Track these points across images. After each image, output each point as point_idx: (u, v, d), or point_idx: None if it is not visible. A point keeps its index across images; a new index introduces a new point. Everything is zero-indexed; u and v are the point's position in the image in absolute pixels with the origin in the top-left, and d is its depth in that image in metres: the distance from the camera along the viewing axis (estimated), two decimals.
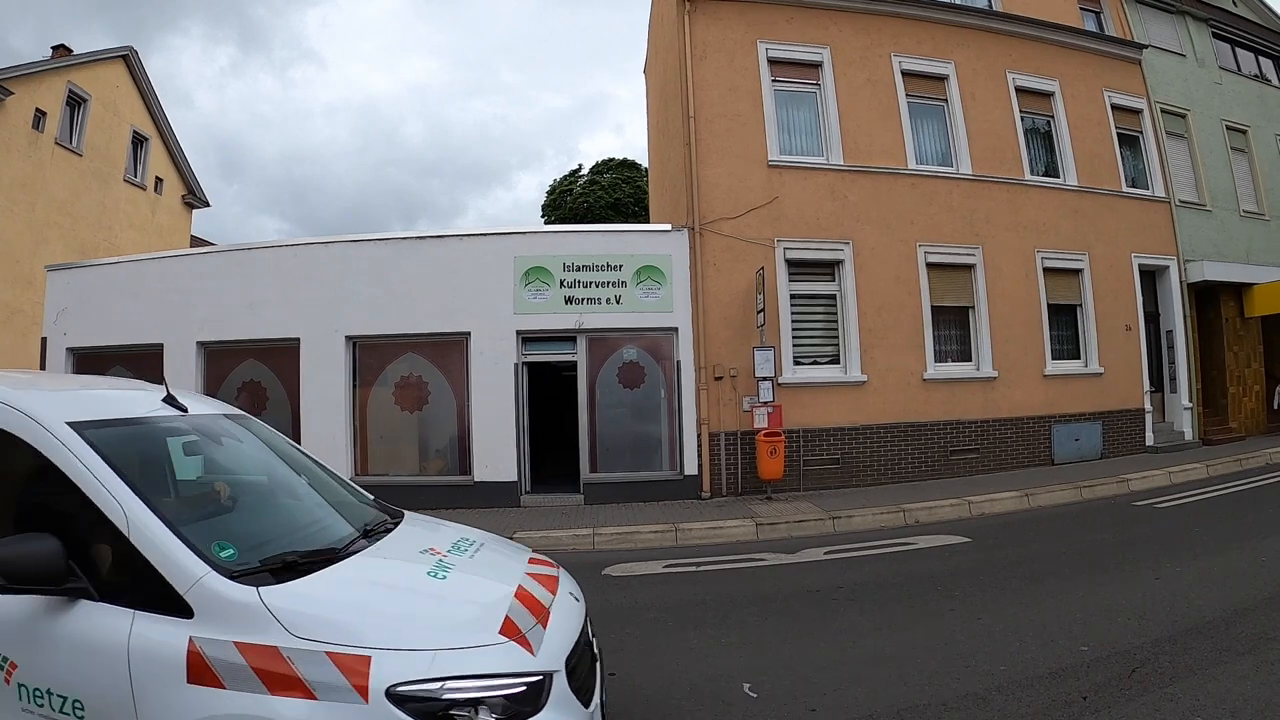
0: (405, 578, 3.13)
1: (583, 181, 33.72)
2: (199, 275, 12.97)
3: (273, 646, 2.41)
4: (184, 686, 2.39)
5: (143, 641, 2.45)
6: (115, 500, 2.63)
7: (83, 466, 2.68)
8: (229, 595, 2.52)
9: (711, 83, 12.78)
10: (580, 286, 12.00)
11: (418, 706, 2.37)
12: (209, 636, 2.43)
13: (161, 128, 23.49)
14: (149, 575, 2.54)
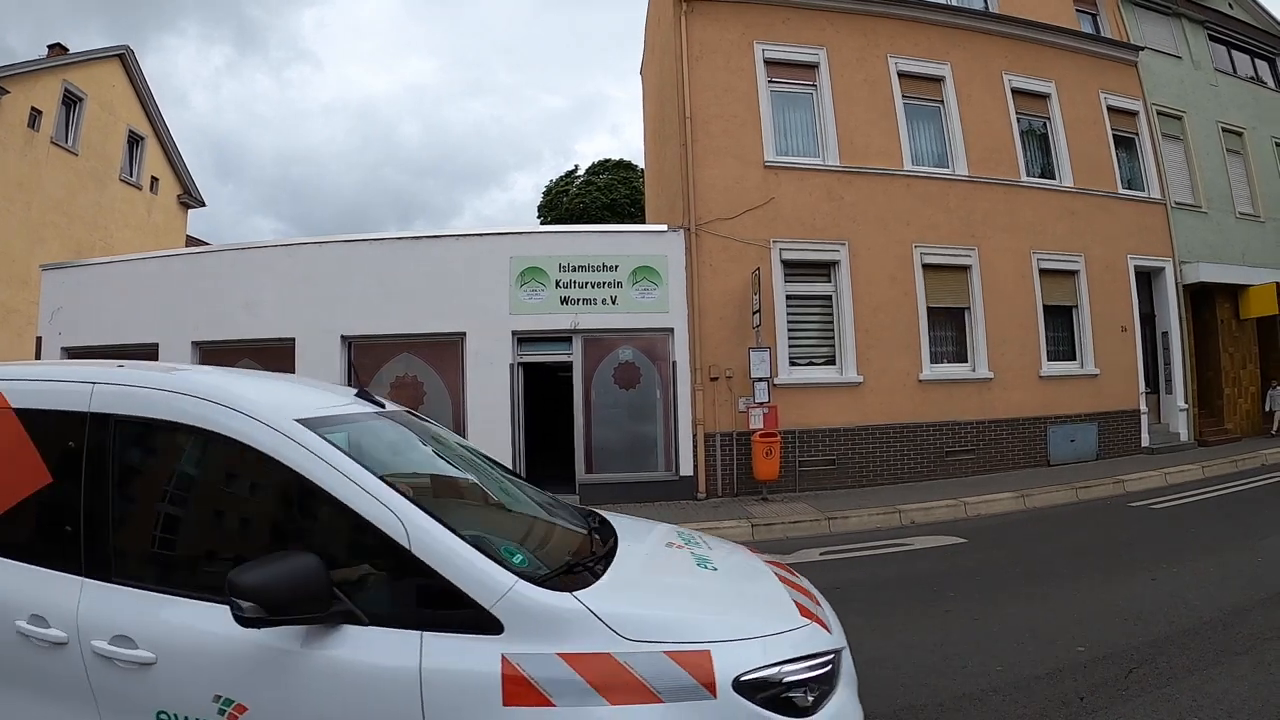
0: (685, 573, 3.06)
1: (579, 182, 33.73)
2: (194, 275, 12.93)
3: (605, 653, 2.27)
4: (499, 711, 2.19)
5: (440, 666, 2.23)
6: (388, 509, 2.39)
7: (338, 473, 2.45)
8: (546, 604, 2.34)
9: (708, 83, 12.77)
10: (576, 287, 11.98)
11: (763, 695, 2.32)
12: (526, 652, 2.24)
13: (157, 127, 23.44)
14: (440, 591, 2.32)
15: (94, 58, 21.23)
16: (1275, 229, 18.32)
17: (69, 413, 2.70)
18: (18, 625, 2.49)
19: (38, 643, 2.47)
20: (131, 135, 22.37)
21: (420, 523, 2.37)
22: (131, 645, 2.38)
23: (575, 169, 35.45)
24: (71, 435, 2.67)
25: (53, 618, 2.47)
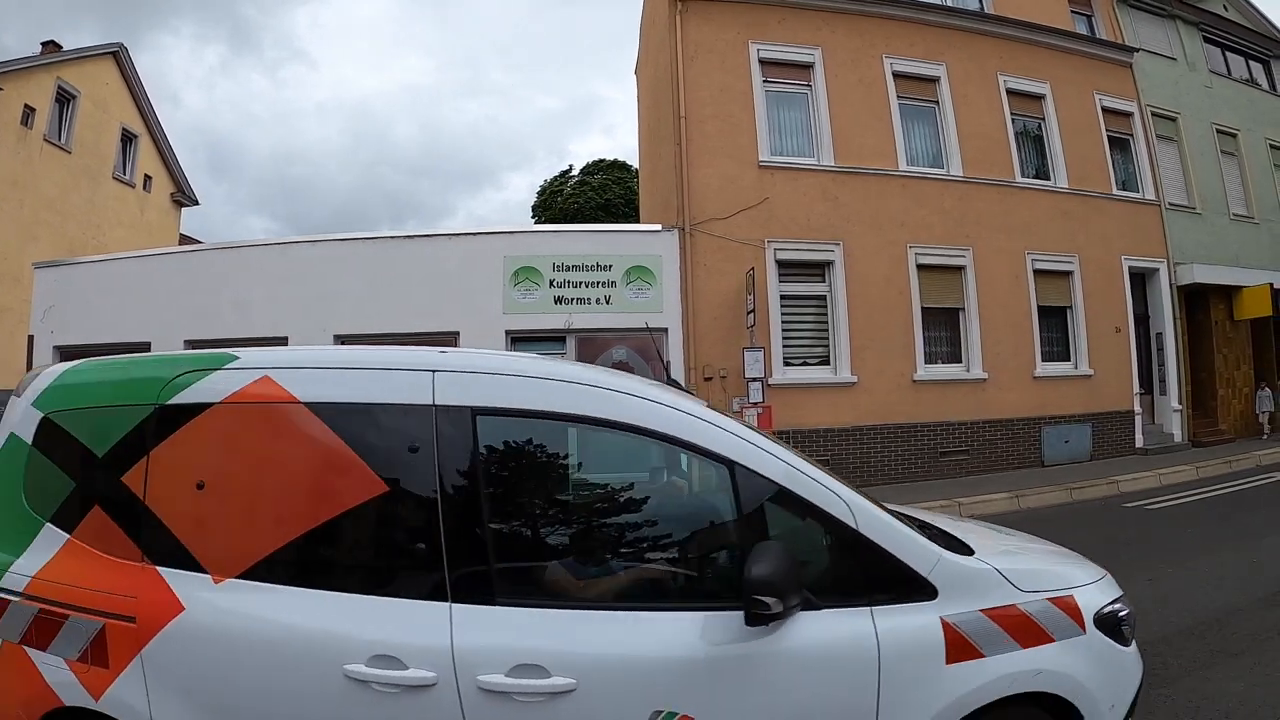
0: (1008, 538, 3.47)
1: (573, 182, 33.73)
2: (186, 273, 12.89)
3: (1011, 605, 2.54)
4: (944, 669, 2.38)
5: (893, 636, 2.35)
6: (833, 493, 2.48)
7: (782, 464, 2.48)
8: (968, 567, 2.59)
9: (702, 83, 12.74)
10: (570, 286, 11.95)
11: (1109, 626, 2.72)
12: (958, 612, 2.46)
13: (151, 125, 23.32)
14: (882, 565, 2.45)
15: (87, 55, 21.11)
16: (1269, 230, 18.35)
17: (409, 405, 2.44)
18: (348, 671, 2.21)
19: (383, 689, 2.21)
20: (125, 133, 22.25)
21: (860, 503, 2.51)
22: (543, 674, 2.19)
23: (570, 169, 35.46)
24: (412, 432, 2.42)
25: (410, 656, 2.21)
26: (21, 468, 2.60)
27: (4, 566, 2.51)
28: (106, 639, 2.37)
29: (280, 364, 2.57)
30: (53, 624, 2.42)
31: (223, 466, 2.49)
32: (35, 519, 2.54)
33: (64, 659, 2.40)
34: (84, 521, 2.52)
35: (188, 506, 2.46)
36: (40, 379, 2.73)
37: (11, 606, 2.47)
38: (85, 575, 2.45)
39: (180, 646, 2.34)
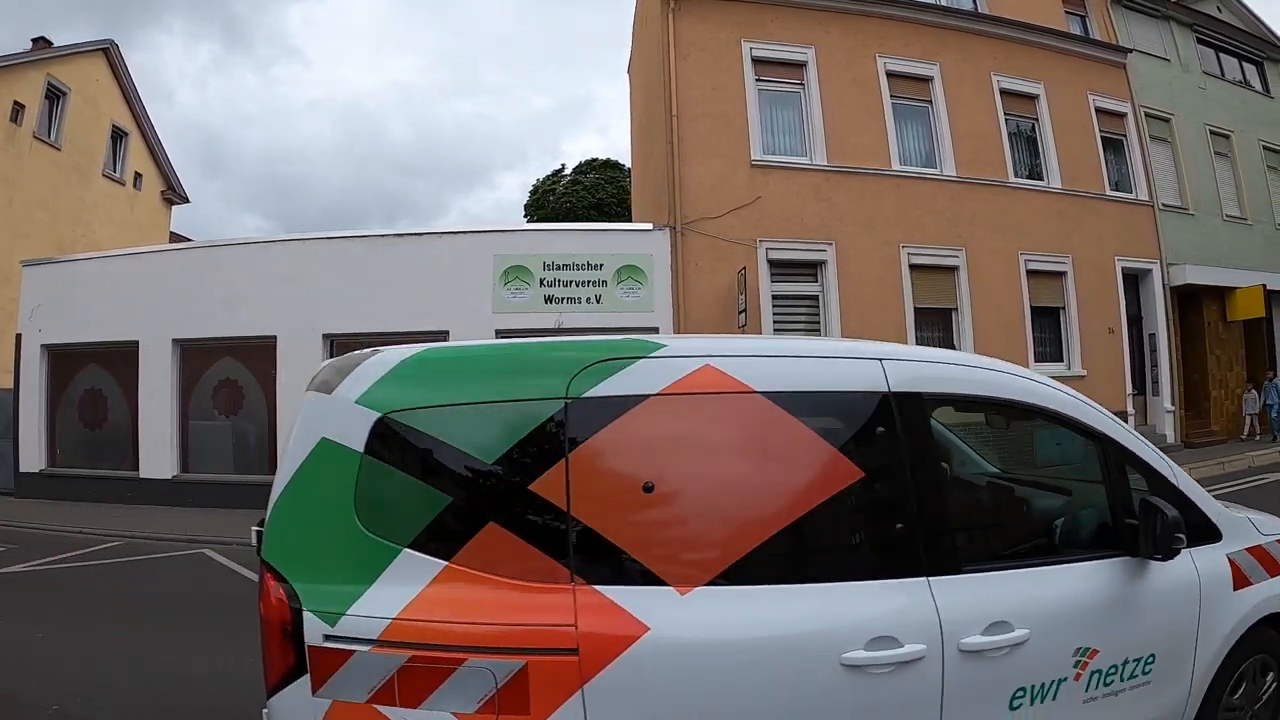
0: None
1: (565, 181, 33.71)
2: (175, 272, 12.82)
3: (1260, 545, 3.06)
4: (1231, 594, 2.85)
5: (1207, 571, 2.80)
6: (1159, 455, 2.94)
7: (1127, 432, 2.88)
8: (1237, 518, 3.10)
9: (695, 81, 12.69)
10: (560, 286, 11.90)
11: None
12: (1234, 550, 2.95)
13: (141, 122, 23.18)
14: (1194, 514, 2.84)
15: (78, 52, 20.97)
16: (1262, 231, 18.37)
17: (865, 392, 2.40)
18: (846, 659, 2.14)
19: (879, 670, 2.17)
20: (115, 130, 22.10)
21: (1173, 464, 2.94)
22: (1008, 629, 2.31)
23: (562, 168, 35.41)
24: (875, 418, 2.40)
25: (904, 633, 2.20)
26: (350, 482, 2.14)
27: (337, 609, 2.07)
28: (528, 680, 2.02)
29: (719, 352, 2.36)
30: (435, 672, 2.02)
31: (672, 464, 2.25)
32: (383, 545, 2.12)
33: (453, 713, 2.02)
34: (471, 543, 2.12)
35: (632, 513, 2.19)
36: (362, 370, 2.25)
37: (356, 658, 2.03)
38: (483, 608, 2.07)
39: (642, 672, 2.05)
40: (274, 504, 2.21)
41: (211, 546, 9.36)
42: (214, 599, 7.11)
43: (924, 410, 2.48)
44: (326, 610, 2.05)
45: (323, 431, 2.18)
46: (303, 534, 2.18)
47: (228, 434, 12.75)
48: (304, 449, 2.19)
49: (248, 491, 11.93)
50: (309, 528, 2.18)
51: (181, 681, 4.86)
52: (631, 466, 2.21)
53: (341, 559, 2.12)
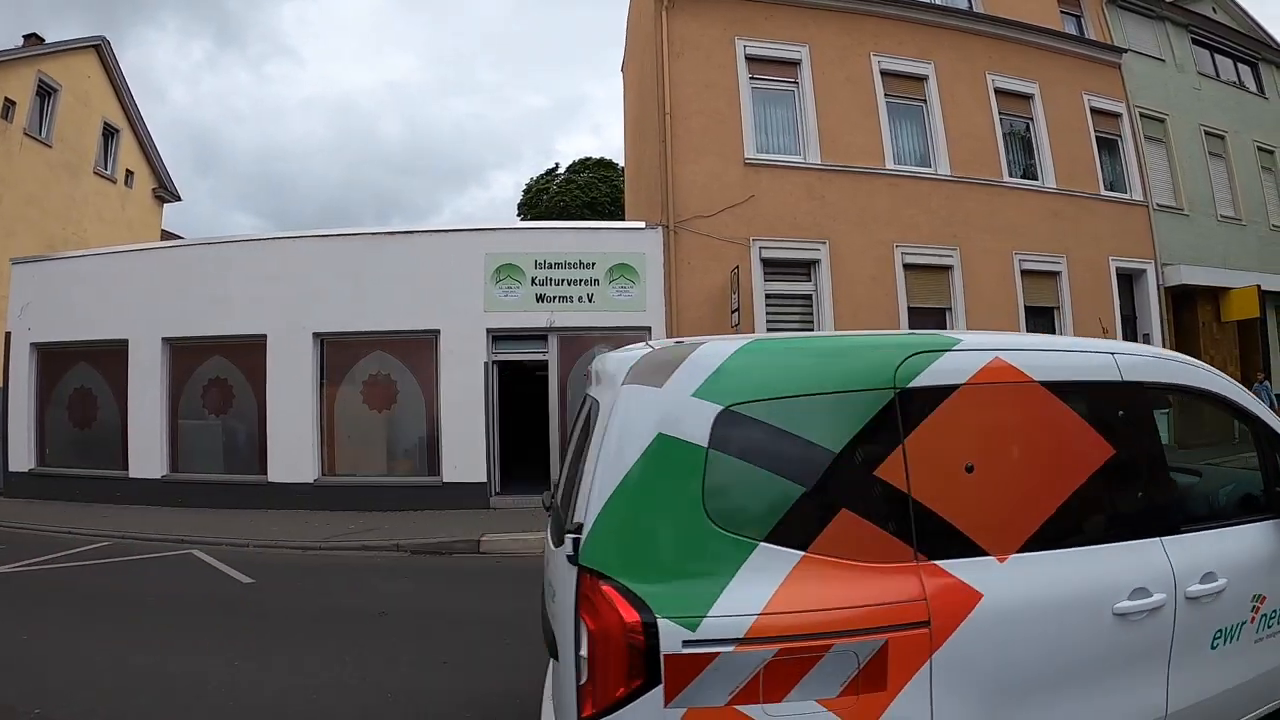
0: None
1: (559, 180, 33.78)
2: (165, 270, 12.73)
3: None
4: None
5: None
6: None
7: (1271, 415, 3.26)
8: None
9: (688, 79, 12.62)
10: (552, 284, 11.81)
11: None
12: None
13: (133, 120, 23.06)
14: None
15: (69, 48, 20.85)
16: (1256, 232, 18.38)
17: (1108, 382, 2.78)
18: (1117, 609, 2.49)
19: (1136, 617, 2.53)
20: (106, 127, 21.99)
21: None
22: (1214, 579, 2.69)
23: (556, 167, 35.56)
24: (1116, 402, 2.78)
25: (1152, 584, 2.57)
26: (696, 478, 2.15)
27: (697, 612, 2.05)
28: (888, 656, 2.12)
29: (1003, 346, 2.63)
30: (802, 662, 2.07)
31: (983, 446, 2.47)
32: (737, 540, 2.14)
33: (816, 700, 2.07)
34: (826, 531, 2.20)
35: (958, 492, 2.37)
36: (693, 363, 2.28)
37: (720, 660, 2.03)
38: (844, 592, 2.14)
39: (978, 635, 2.24)
40: (604, 506, 2.15)
41: (200, 547, 9.30)
42: (202, 601, 7.06)
43: (1146, 396, 2.86)
44: (684, 615, 2.04)
45: (658, 427, 2.18)
46: (644, 536, 2.16)
47: (217, 433, 12.67)
48: (637, 445, 2.17)
49: (237, 491, 11.91)
50: (651, 529, 2.16)
51: (167, 684, 4.82)
52: (954, 449, 2.41)
53: (692, 558, 2.12)
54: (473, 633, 5.95)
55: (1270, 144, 19.44)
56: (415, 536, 9.56)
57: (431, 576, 8.14)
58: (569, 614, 2.18)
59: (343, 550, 9.32)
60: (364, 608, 6.71)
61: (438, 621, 6.27)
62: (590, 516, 2.15)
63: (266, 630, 6.08)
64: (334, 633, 5.98)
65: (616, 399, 2.26)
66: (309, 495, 11.65)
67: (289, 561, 8.83)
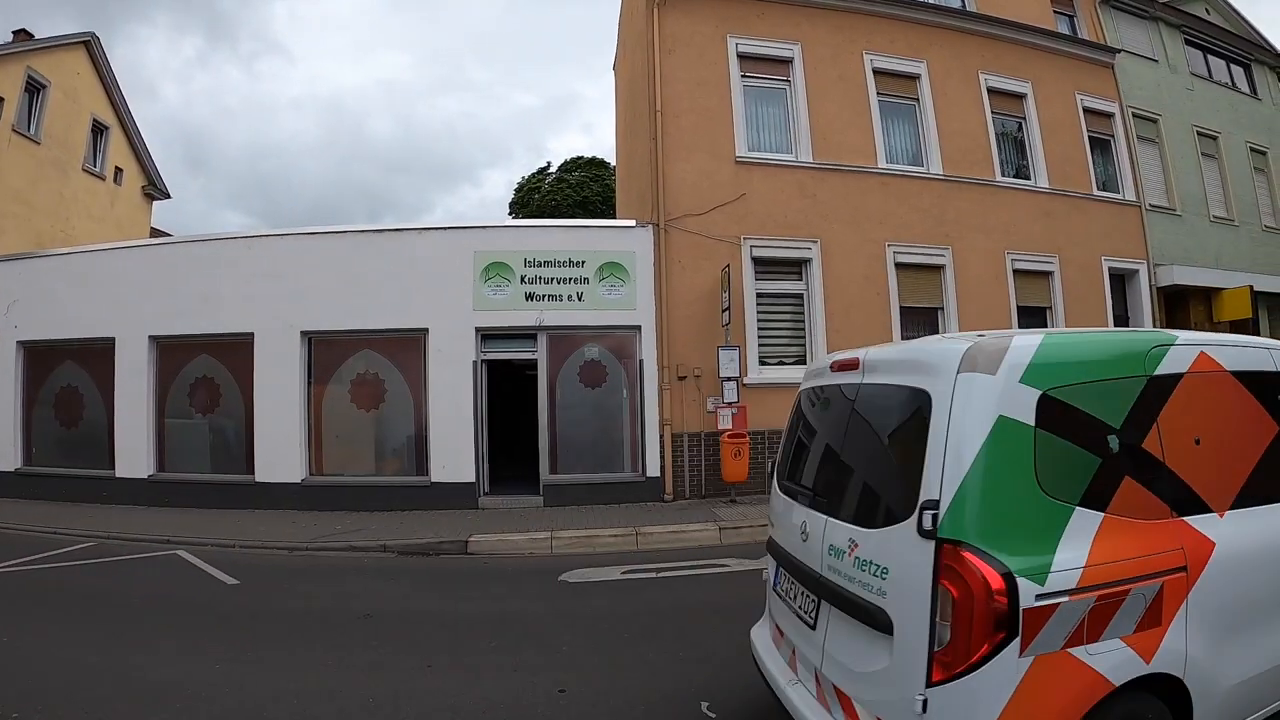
0: None
1: (551, 179, 33.72)
2: (152, 267, 12.61)
3: None
4: None
5: None
6: None
7: None
8: None
9: (679, 77, 12.55)
10: (541, 283, 11.72)
11: None
12: None
13: (122, 117, 22.84)
14: None
15: (59, 44, 20.64)
16: (1248, 233, 18.39)
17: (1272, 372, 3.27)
18: None
19: None
20: (96, 124, 21.77)
21: None
22: None
23: (548, 166, 35.47)
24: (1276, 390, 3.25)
25: None
26: (1028, 453, 2.53)
27: (1042, 569, 2.43)
28: (1163, 597, 2.61)
29: (1204, 342, 3.16)
30: (1111, 606, 2.50)
31: (1203, 423, 2.97)
32: (1060, 506, 2.55)
33: (1119, 637, 2.52)
34: (1116, 495, 2.66)
35: (1192, 460, 2.88)
36: (1014, 353, 2.63)
37: (1060, 610, 2.43)
38: (1132, 545, 2.62)
39: (1213, 578, 2.75)
40: (961, 482, 2.46)
41: (186, 547, 9.22)
42: (185, 602, 6.99)
43: None
44: (1034, 572, 2.41)
45: (998, 410, 2.53)
46: (994, 507, 2.48)
47: (204, 433, 12.56)
48: (983, 427, 2.51)
49: (224, 491, 11.82)
50: (999, 500, 2.49)
51: (146, 688, 4.76)
52: (1186, 425, 2.90)
53: (1031, 524, 2.50)
54: (458, 636, 5.87)
55: (1262, 145, 19.47)
56: (402, 537, 9.48)
57: (418, 578, 8.06)
58: (920, 586, 2.48)
59: (329, 551, 9.23)
60: (349, 610, 6.63)
61: (423, 624, 6.19)
62: (946, 493, 2.47)
63: (249, 633, 5.99)
64: (318, 635, 5.91)
65: (955, 386, 2.59)
66: (296, 495, 11.56)
67: (275, 563, 8.75)
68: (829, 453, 3.50)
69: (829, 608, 3.04)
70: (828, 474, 3.44)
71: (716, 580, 7.57)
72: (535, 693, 4.62)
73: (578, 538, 9.28)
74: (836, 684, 2.91)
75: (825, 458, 3.53)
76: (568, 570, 7.95)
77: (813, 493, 3.44)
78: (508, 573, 8.25)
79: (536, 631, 5.88)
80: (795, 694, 3.23)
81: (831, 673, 2.97)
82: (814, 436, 3.76)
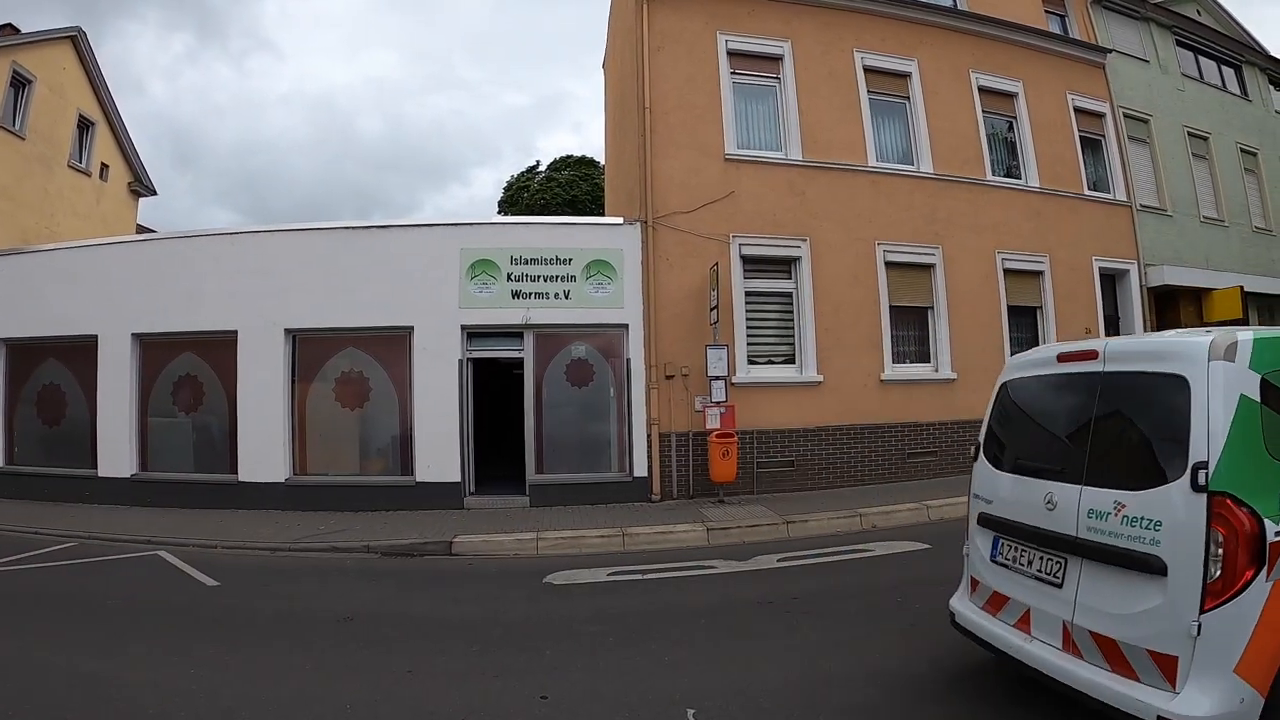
0: None
1: (540, 178, 33.69)
2: (136, 264, 12.47)
3: None
4: None
5: None
6: None
7: None
8: None
9: (668, 73, 12.44)
10: (528, 280, 11.60)
11: None
12: None
13: (109, 112, 22.60)
14: None
15: (45, 39, 20.39)
16: (1238, 233, 18.40)
17: None
18: None
19: None
20: (82, 120, 21.52)
21: None
22: None
23: (537, 164, 35.50)
24: None
25: None
26: (1258, 424, 3.15)
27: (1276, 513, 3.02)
28: None
29: None
30: None
31: None
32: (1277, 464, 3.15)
33: None
34: None
35: None
36: (1243, 344, 3.23)
37: None
38: None
39: None
40: (1222, 447, 3.07)
41: (167, 548, 9.09)
42: (164, 604, 6.86)
43: None
44: (1274, 514, 3.01)
45: (1240, 389, 3.16)
46: (1243, 466, 3.08)
47: (187, 432, 12.41)
48: (1231, 404, 3.13)
49: (207, 491, 11.68)
50: (1245, 461, 3.09)
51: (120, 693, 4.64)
52: None
53: (1264, 479, 3.09)
54: (440, 639, 5.77)
55: (1252, 146, 19.49)
56: (386, 538, 9.37)
57: (401, 579, 7.94)
58: (1194, 532, 3.05)
59: (312, 552, 9.12)
60: (330, 612, 6.50)
61: (404, 628, 6.06)
62: (1212, 455, 3.06)
63: (228, 636, 5.86)
64: (297, 639, 5.78)
65: (1209, 371, 3.18)
66: (280, 495, 11.43)
67: (257, 563, 8.63)
68: (1078, 431, 3.84)
69: (1080, 564, 3.53)
70: (1078, 448, 3.78)
71: (704, 582, 7.46)
72: (517, 699, 4.50)
73: (564, 539, 9.17)
74: (1094, 630, 3.37)
75: (1073, 435, 3.88)
76: (553, 572, 7.83)
77: (1060, 466, 3.84)
78: (492, 574, 8.14)
79: (520, 635, 5.76)
80: (1038, 649, 3.66)
81: (1087, 621, 3.42)
82: (1049, 419, 4.21)
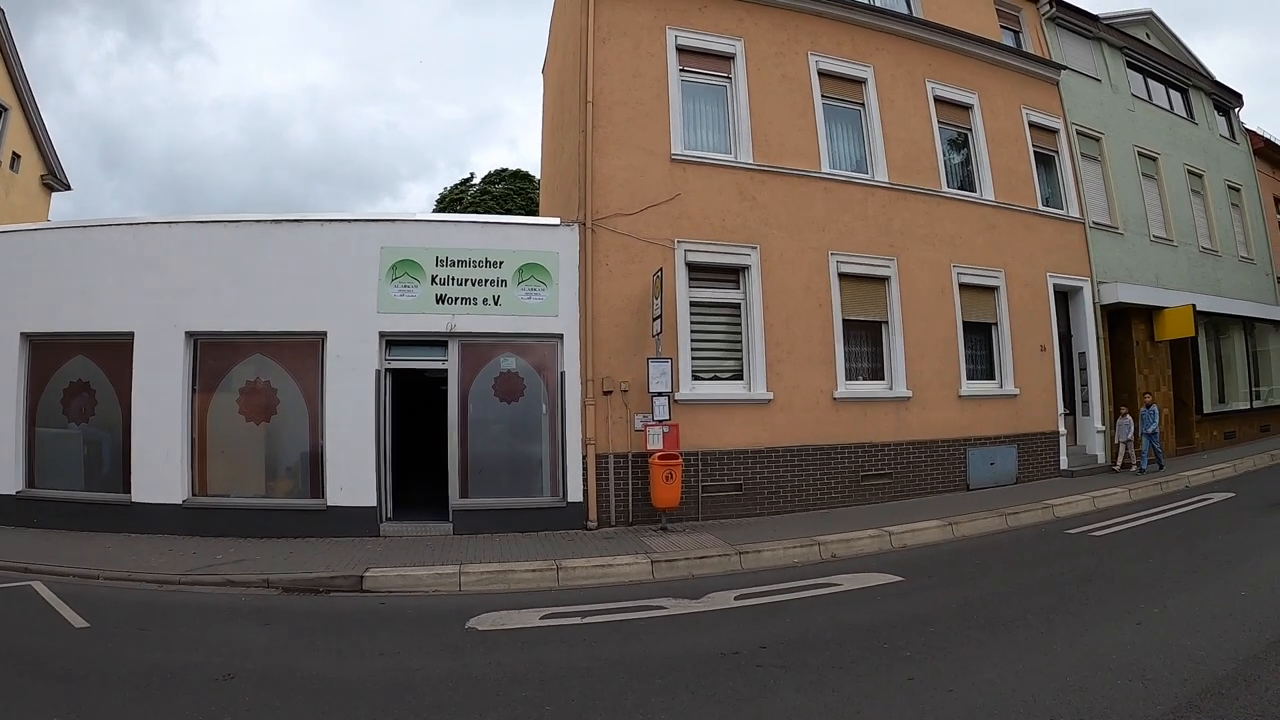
0: None
1: (474, 191, 33.25)
2: (26, 256, 11.18)
3: None
4: None
5: None
6: None
7: None
8: None
9: (614, 67, 11.69)
10: (454, 284, 10.65)
11: None
12: None
13: (23, 98, 21.10)
14: None
15: None
16: (1186, 254, 18.53)
17: None
18: None
19: None
20: None
21: None
22: None
23: (471, 177, 34.98)
24: None
25: None
26: None
27: None
28: None
29: None
30: None
31: None
32: None
33: None
34: None
35: None
36: None
37: None
38: None
39: None
40: None
41: (44, 578, 7.95)
42: (18, 651, 5.73)
43: None
44: None
45: None
46: None
47: (78, 445, 11.16)
48: None
49: (98, 512, 10.45)
50: None
51: None
52: None
53: None
54: (336, 707, 4.68)
55: (1199, 168, 19.71)
56: (289, 570, 8.29)
57: (300, 622, 6.85)
58: None
59: (204, 586, 7.99)
60: (208, 667, 5.37)
61: (295, 689, 4.97)
62: None
63: (72, 699, 4.72)
64: (159, 705, 4.69)
65: None
66: (176, 519, 10.25)
67: (139, 599, 7.49)
68: None
69: None
70: None
71: (654, 626, 6.54)
72: None
73: (490, 573, 8.21)
74: None
75: None
76: (478, 614, 6.83)
77: None
78: (408, 616, 7.09)
79: (436, 702, 4.70)
80: None
81: None
82: None
